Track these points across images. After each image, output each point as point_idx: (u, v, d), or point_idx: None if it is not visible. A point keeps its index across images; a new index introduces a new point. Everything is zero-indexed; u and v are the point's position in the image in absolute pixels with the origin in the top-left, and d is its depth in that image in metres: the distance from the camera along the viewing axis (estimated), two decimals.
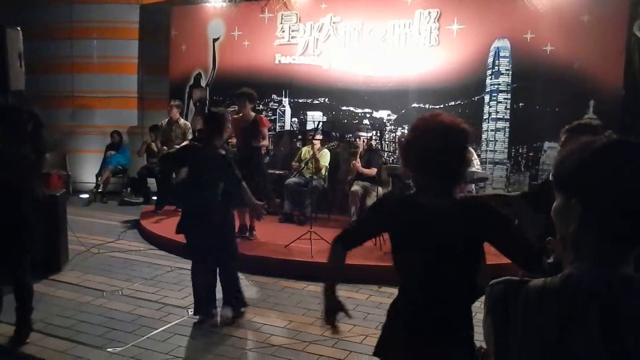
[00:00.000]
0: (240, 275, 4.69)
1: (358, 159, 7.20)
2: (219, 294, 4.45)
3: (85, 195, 9.60)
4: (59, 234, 5.54)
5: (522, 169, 7.07)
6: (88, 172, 10.07)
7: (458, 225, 1.83)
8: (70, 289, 5.04)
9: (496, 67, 7.14)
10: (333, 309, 2.08)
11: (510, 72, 7.07)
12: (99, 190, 9.44)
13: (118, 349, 3.82)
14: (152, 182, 9.15)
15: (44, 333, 4.05)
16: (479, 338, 2.23)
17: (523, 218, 2.39)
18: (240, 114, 6.44)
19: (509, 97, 7.10)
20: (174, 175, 8.13)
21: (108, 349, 3.80)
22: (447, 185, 1.92)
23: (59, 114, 10.13)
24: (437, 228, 1.84)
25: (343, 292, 4.93)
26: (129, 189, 9.59)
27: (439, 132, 1.86)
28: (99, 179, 9.47)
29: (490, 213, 1.91)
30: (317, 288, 5.12)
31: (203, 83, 9.21)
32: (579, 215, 1.00)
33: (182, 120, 8.31)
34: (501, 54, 7.11)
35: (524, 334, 0.98)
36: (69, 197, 7.20)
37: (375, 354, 2.07)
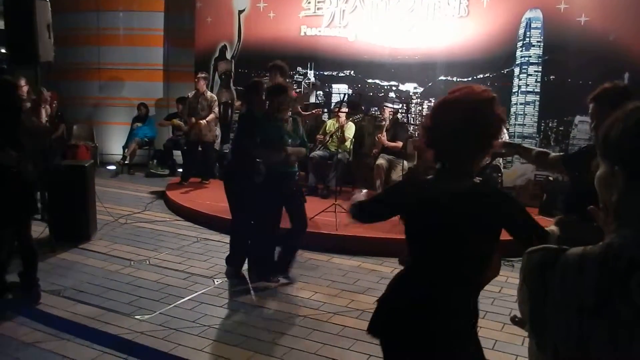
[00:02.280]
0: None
1: (384, 133, 7.14)
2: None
3: (113, 167, 9.74)
4: (88, 204, 5.63)
5: (552, 144, 6.93)
6: (115, 144, 10.19)
7: (475, 212, 1.80)
8: (99, 257, 5.14)
9: (527, 39, 6.95)
10: None
11: (542, 44, 6.88)
12: (126, 162, 9.56)
13: (146, 316, 3.89)
14: (177, 155, 9.23)
15: (75, 300, 4.15)
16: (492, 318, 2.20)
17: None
18: None
19: (540, 69, 6.92)
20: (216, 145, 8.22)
21: (136, 317, 3.88)
22: (469, 166, 1.87)
23: (87, 86, 10.25)
24: (454, 214, 1.80)
25: (368, 265, 4.96)
26: (155, 161, 9.68)
27: (472, 103, 1.81)
28: (126, 151, 9.57)
29: (505, 203, 1.88)
30: (341, 260, 5.15)
31: (228, 55, 9.17)
32: (623, 184, 0.98)
33: (208, 93, 8.31)
34: (533, 25, 6.91)
35: (562, 302, 0.96)
36: (96, 168, 7.30)
37: (370, 330, 2.00)
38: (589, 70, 6.47)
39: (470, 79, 7.23)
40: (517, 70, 7.05)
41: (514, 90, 7.07)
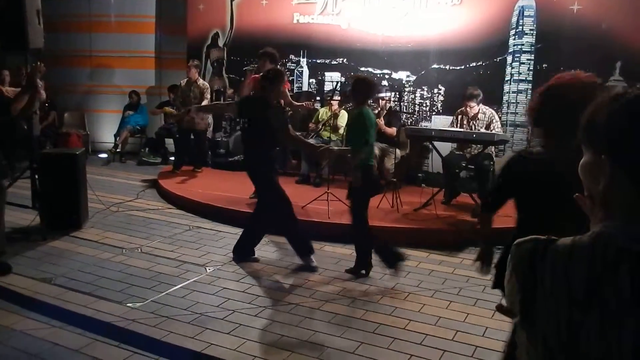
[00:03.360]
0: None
1: (382, 118, 7.13)
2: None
3: (104, 155, 9.69)
4: (79, 192, 5.60)
5: None
6: (106, 132, 10.13)
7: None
8: (91, 245, 5.13)
9: (520, 27, 6.94)
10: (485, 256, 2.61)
11: (535, 32, 6.88)
12: (118, 150, 9.51)
13: (138, 304, 3.89)
14: (169, 143, 9.19)
15: (66, 287, 4.14)
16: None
17: None
18: (260, 74, 6.38)
19: (533, 58, 6.92)
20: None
21: (128, 304, 3.88)
22: (572, 140, 2.06)
23: (78, 73, 10.17)
24: (566, 177, 1.98)
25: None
26: (147, 149, 9.64)
27: (579, 87, 2.07)
28: (118, 139, 9.53)
29: None
30: (333, 248, 5.16)
31: (221, 43, 9.11)
32: (609, 172, 0.96)
33: (200, 81, 8.26)
34: (525, 13, 6.90)
35: (552, 292, 0.95)
36: (88, 156, 7.26)
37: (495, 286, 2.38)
38: (581, 58, 6.48)
39: (463, 67, 7.23)
40: (509, 59, 7.05)
41: (506, 79, 7.07)
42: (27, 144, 5.75)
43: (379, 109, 7.37)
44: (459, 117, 6.42)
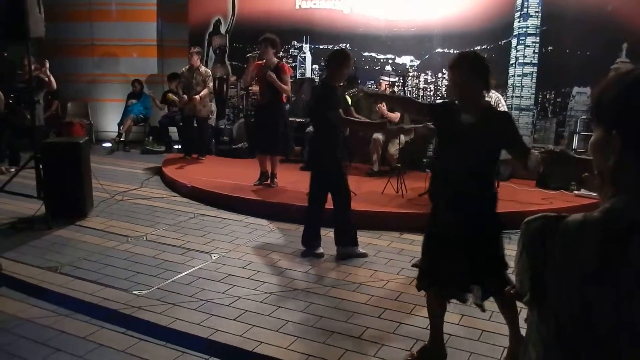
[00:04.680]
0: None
1: (383, 103, 7.08)
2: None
3: (108, 144, 9.69)
4: (84, 180, 5.60)
5: (549, 115, 6.90)
6: (110, 121, 10.13)
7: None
8: (96, 234, 5.14)
9: (525, 10, 6.87)
10: None
11: (540, 15, 6.80)
12: (121, 138, 9.52)
13: (144, 291, 3.90)
14: (173, 131, 9.18)
15: (72, 276, 4.15)
16: None
17: None
18: (263, 60, 6.35)
19: (538, 41, 6.85)
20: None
21: (134, 292, 3.89)
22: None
23: (80, 62, 10.15)
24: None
25: (365, 238, 4.97)
26: (150, 138, 9.64)
27: None
28: (121, 128, 9.52)
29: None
30: None
31: (223, 30, 9.06)
32: (619, 148, 0.96)
33: (202, 67, 8.23)
34: None
35: (563, 269, 0.96)
36: (91, 145, 7.26)
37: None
38: (587, 40, 6.42)
39: (467, 50, 7.16)
40: (514, 42, 6.98)
41: (511, 62, 7.01)
42: (31, 134, 5.76)
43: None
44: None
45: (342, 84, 4.78)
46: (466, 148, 2.75)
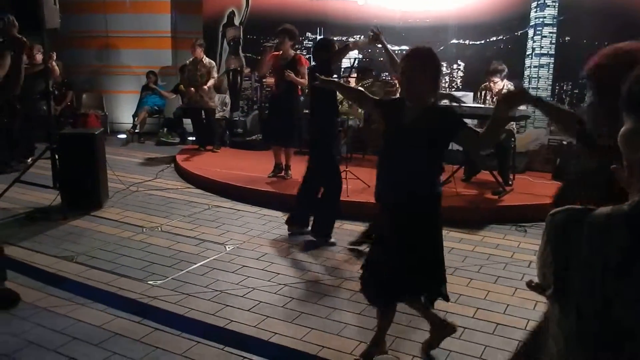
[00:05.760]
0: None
1: (397, 95, 7.03)
2: None
3: (123, 136, 9.74)
4: (99, 171, 5.64)
5: (566, 107, 6.81)
6: (124, 113, 10.18)
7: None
8: (111, 224, 5.17)
9: None
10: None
11: (557, 4, 6.70)
12: (136, 130, 9.56)
13: (159, 282, 3.92)
14: (187, 123, 9.21)
15: (88, 265, 4.19)
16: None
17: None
18: (280, 51, 6.33)
19: (555, 31, 6.75)
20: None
21: (149, 282, 3.91)
22: None
23: (95, 54, 10.20)
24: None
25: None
26: (165, 129, 9.67)
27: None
28: (136, 120, 9.56)
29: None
30: (352, 227, 5.13)
31: (237, 21, 9.04)
32: None
33: (206, 59, 8.21)
34: None
35: (587, 262, 0.93)
36: (106, 136, 7.30)
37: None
38: (606, 30, 6.31)
39: (482, 41, 7.09)
40: (531, 32, 6.89)
41: (527, 53, 6.92)
42: (46, 125, 5.80)
43: (394, 86, 7.26)
44: (483, 92, 6.31)
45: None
46: (408, 145, 2.69)
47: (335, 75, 5.91)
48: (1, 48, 3.63)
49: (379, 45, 4.71)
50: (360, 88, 3.66)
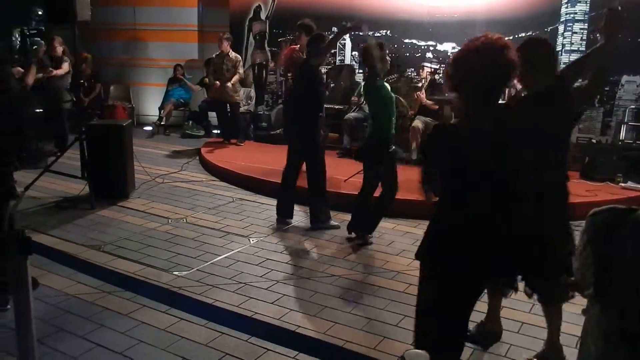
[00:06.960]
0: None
1: (423, 91, 6.99)
2: None
3: (149, 128, 9.85)
4: (126, 162, 5.72)
5: (596, 105, 6.69)
6: (151, 105, 10.29)
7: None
8: (138, 215, 5.24)
9: None
10: None
11: (589, 0, 6.57)
12: (162, 122, 9.66)
13: (184, 272, 3.97)
14: (212, 116, 9.27)
15: (114, 255, 4.25)
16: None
17: None
18: (297, 45, 6.32)
19: (586, 26, 6.62)
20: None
21: (174, 272, 3.96)
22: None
23: (122, 46, 10.32)
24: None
25: (403, 227, 4.93)
26: (190, 122, 9.75)
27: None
28: (162, 112, 9.66)
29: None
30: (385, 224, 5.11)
31: (263, 16, 9.06)
32: None
33: (232, 53, 8.24)
34: None
35: (632, 262, 0.91)
36: (133, 128, 7.39)
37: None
38: (638, 27, 6.17)
39: (511, 37, 6.95)
40: (561, 28, 6.77)
41: (558, 49, 6.80)
42: (76, 116, 5.89)
43: (421, 80, 7.22)
44: (510, 89, 6.21)
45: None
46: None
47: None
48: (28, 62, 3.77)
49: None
50: None
